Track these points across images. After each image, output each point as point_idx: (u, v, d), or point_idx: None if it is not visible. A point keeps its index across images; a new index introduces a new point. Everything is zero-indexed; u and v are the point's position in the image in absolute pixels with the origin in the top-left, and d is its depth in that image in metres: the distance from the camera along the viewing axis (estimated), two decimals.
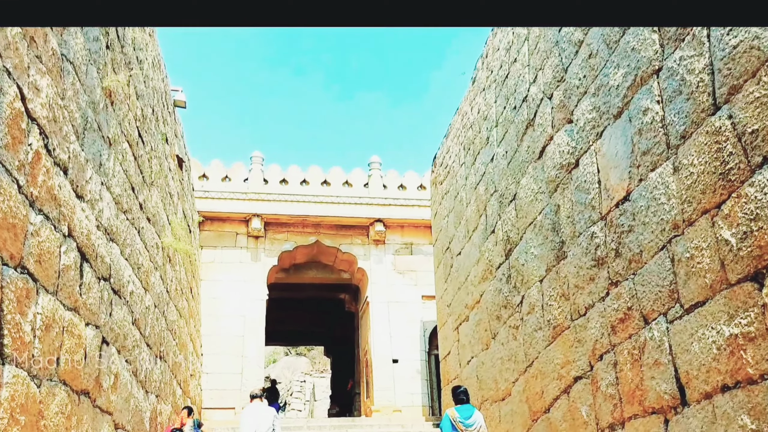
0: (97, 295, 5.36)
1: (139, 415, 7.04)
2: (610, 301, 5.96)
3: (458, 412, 7.50)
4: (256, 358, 15.47)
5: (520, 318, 8.31)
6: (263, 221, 16.37)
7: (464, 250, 10.98)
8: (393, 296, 16.67)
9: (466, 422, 7.38)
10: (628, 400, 5.63)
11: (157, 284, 8.30)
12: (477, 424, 7.45)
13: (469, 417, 7.45)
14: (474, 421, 7.43)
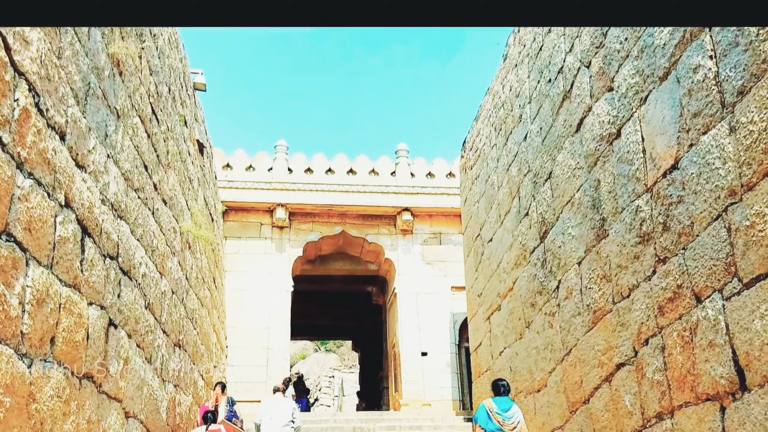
0: (102, 274, 5.00)
1: (154, 404, 6.69)
2: (657, 279, 5.45)
3: (496, 403, 7.19)
4: (282, 351, 15.13)
5: (556, 304, 7.81)
6: (288, 211, 16.01)
7: (496, 236, 10.49)
8: (421, 287, 16.21)
9: (504, 414, 7.07)
10: (678, 386, 5.13)
11: (175, 270, 7.97)
12: (515, 418, 7.13)
13: (507, 410, 7.15)
14: (512, 414, 7.11)
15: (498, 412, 7.07)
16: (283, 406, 8.90)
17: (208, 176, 11.45)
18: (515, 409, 7.18)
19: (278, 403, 8.93)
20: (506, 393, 7.37)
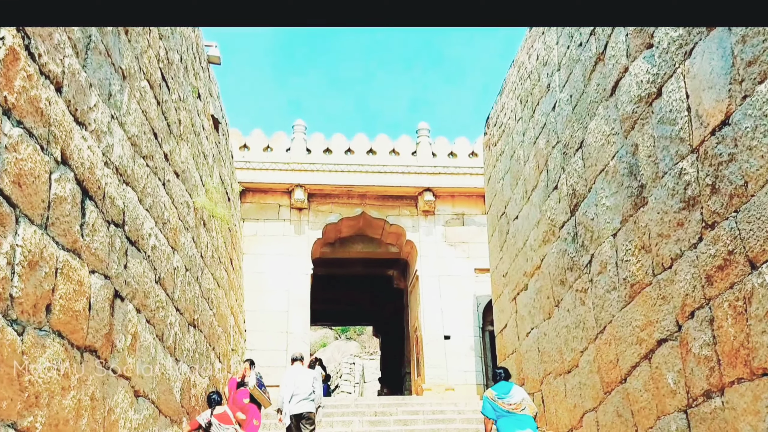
0: (106, 241, 4.67)
1: (167, 384, 6.38)
2: (705, 246, 5.02)
3: (495, 390, 7.41)
4: (302, 335, 14.83)
5: (588, 280, 7.39)
6: (306, 192, 15.66)
7: (522, 213, 10.06)
8: (444, 270, 15.80)
9: (504, 396, 7.28)
10: (729, 361, 4.70)
11: (188, 246, 7.64)
12: (517, 397, 7.29)
13: (507, 392, 7.33)
14: (513, 395, 7.30)
15: (498, 396, 7.27)
16: (304, 376, 8.59)
17: (224, 154, 11.11)
18: (516, 389, 7.35)
19: (298, 375, 8.63)
20: (503, 378, 7.53)
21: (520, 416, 7.12)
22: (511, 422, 7.08)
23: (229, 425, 7.35)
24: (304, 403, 8.41)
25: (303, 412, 8.42)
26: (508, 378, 7.57)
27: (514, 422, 7.07)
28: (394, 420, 11.52)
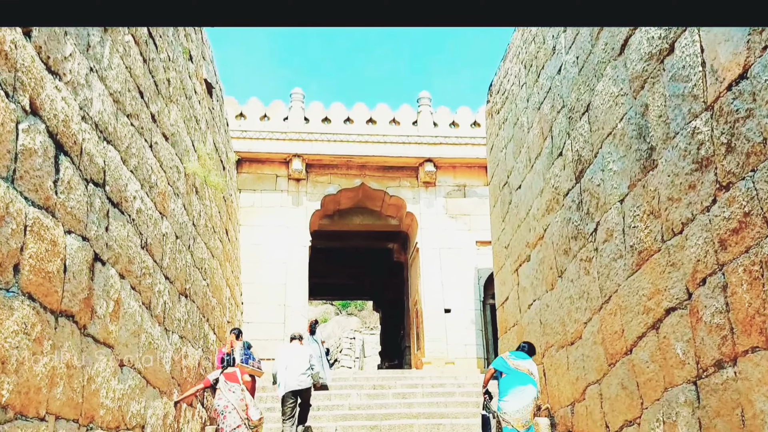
0: (83, 200, 4.39)
1: (155, 354, 6.15)
2: (718, 209, 4.74)
3: (512, 354, 7.45)
4: (300, 308, 14.62)
5: (593, 248, 7.13)
6: (304, 162, 15.35)
7: (525, 182, 9.78)
8: (444, 242, 15.53)
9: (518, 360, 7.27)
10: (743, 329, 4.45)
11: (179, 212, 7.37)
12: (531, 367, 7.27)
13: (524, 358, 7.34)
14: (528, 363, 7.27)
15: (512, 358, 7.28)
16: (300, 354, 8.58)
17: (218, 121, 10.80)
18: (531, 362, 7.32)
19: (295, 352, 8.64)
20: (525, 351, 7.51)
21: (523, 374, 7.13)
22: (513, 378, 7.12)
23: (235, 383, 7.55)
24: (302, 379, 8.43)
25: (300, 389, 8.42)
26: (530, 354, 7.52)
27: (517, 378, 7.10)
28: (393, 393, 11.35)
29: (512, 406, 6.94)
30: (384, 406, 10.37)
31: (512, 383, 7.08)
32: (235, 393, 7.51)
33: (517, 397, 6.98)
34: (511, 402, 6.97)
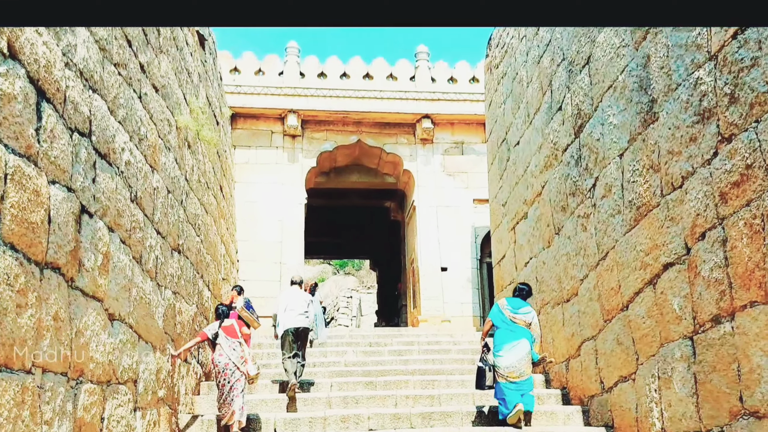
0: (68, 150, 4.27)
1: (147, 309, 6.08)
2: (720, 162, 4.64)
3: (508, 302, 7.47)
4: (296, 266, 14.57)
5: (591, 204, 7.04)
6: (300, 118, 15.15)
7: (524, 138, 9.64)
8: (442, 200, 15.43)
9: (515, 310, 7.33)
10: (742, 284, 4.38)
11: (170, 166, 7.24)
12: (528, 315, 7.32)
13: (519, 308, 7.37)
14: (525, 312, 7.33)
15: (508, 308, 7.34)
16: (299, 298, 8.85)
17: (211, 74, 10.59)
18: (528, 309, 7.38)
19: (294, 296, 8.90)
20: (522, 296, 7.55)
21: (517, 327, 7.23)
22: (507, 332, 7.22)
23: (234, 338, 7.61)
24: (300, 318, 8.62)
25: (299, 327, 8.58)
26: (527, 297, 7.58)
27: (510, 332, 7.20)
28: (389, 350, 11.36)
29: (506, 361, 7.04)
30: (380, 363, 10.38)
31: (506, 338, 7.16)
32: (236, 351, 7.57)
33: (510, 352, 7.08)
34: (505, 357, 7.07)
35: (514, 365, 7.01)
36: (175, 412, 7.12)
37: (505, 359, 7.05)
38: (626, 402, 6.30)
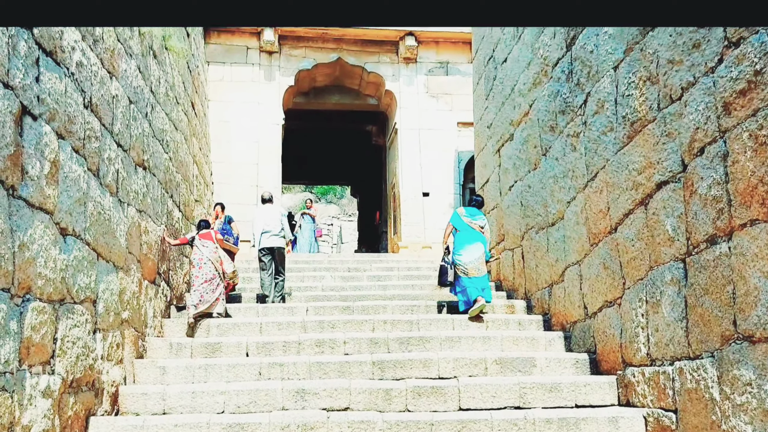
0: (1, 39, 3.78)
1: (107, 226, 5.69)
2: (725, 69, 4.24)
3: (465, 210, 8.61)
4: (273, 189, 14.14)
5: (582, 122, 6.65)
6: (277, 33, 14.41)
7: (511, 55, 9.15)
8: (425, 123, 14.94)
9: (472, 217, 8.43)
10: (742, 201, 4.06)
11: (132, 75, 6.72)
12: (482, 221, 8.47)
13: (475, 215, 8.48)
14: (480, 219, 8.46)
15: (466, 215, 8.46)
16: (273, 215, 9.55)
17: None
18: (482, 216, 8.56)
19: (268, 213, 9.58)
20: (477, 206, 8.70)
21: (474, 231, 8.34)
22: (466, 236, 8.30)
23: (209, 241, 8.23)
24: (275, 239, 9.37)
25: (274, 246, 9.33)
26: (480, 207, 8.71)
27: (469, 236, 8.29)
28: (368, 276, 11.13)
29: (465, 259, 8.13)
30: (358, 288, 10.15)
31: (465, 240, 8.25)
32: (208, 247, 8.15)
33: (469, 251, 8.17)
34: (464, 255, 8.16)
35: (472, 262, 8.09)
36: (141, 335, 6.83)
37: (465, 257, 8.13)
38: (610, 327, 6.08)
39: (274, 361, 6.44)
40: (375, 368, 6.35)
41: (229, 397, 5.74)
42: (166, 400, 5.73)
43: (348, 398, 5.78)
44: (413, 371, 6.33)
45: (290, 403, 5.74)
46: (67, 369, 4.69)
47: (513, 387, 5.88)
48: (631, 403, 5.66)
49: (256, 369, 6.37)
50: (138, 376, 6.37)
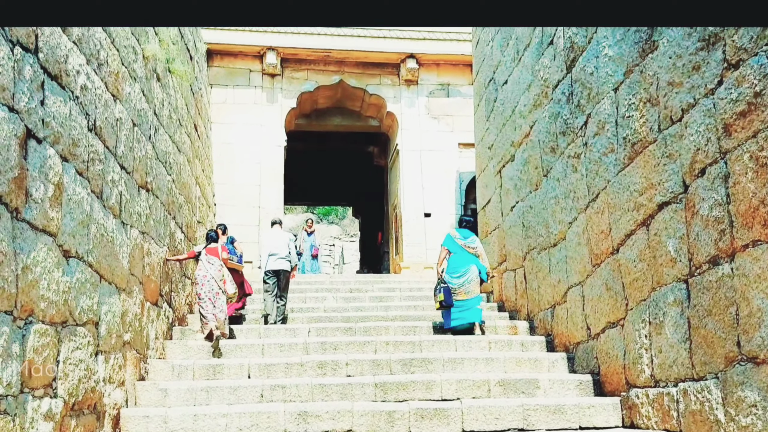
0: (8, 64, 3.82)
1: (110, 248, 5.70)
2: (725, 91, 4.28)
3: (458, 232, 8.82)
4: (275, 210, 14.17)
5: (582, 143, 6.69)
6: (279, 56, 14.53)
7: (512, 77, 9.21)
8: (426, 144, 14.99)
9: (465, 239, 8.66)
10: (744, 222, 4.07)
11: (136, 98, 6.77)
12: (476, 244, 8.73)
13: (467, 237, 8.71)
14: (473, 241, 8.72)
15: (460, 238, 8.69)
16: (280, 239, 9.71)
17: None
18: (474, 238, 8.81)
19: (276, 237, 9.78)
20: (468, 227, 8.95)
21: (469, 254, 8.58)
22: (461, 258, 8.55)
23: (215, 257, 8.30)
24: (281, 262, 9.49)
25: (279, 269, 9.42)
26: (470, 227, 8.94)
27: (464, 259, 8.53)
28: (370, 297, 11.11)
29: (458, 281, 8.36)
30: (360, 308, 10.14)
31: (460, 263, 8.49)
32: (213, 265, 8.22)
33: (462, 274, 8.40)
34: (458, 278, 8.39)
35: (464, 285, 8.33)
36: (143, 356, 6.81)
37: (458, 280, 8.37)
38: (613, 348, 6.06)
39: (276, 383, 6.42)
40: (378, 390, 6.32)
41: (230, 420, 5.71)
42: (167, 423, 5.70)
43: (351, 421, 5.75)
44: (416, 393, 6.31)
45: (292, 426, 5.71)
46: (69, 392, 4.68)
47: (516, 409, 5.86)
48: (635, 424, 5.63)
49: (258, 391, 6.35)
50: (140, 399, 6.35)
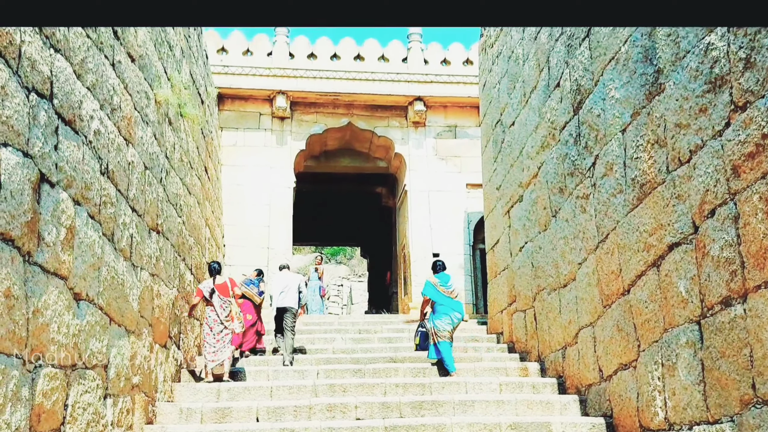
0: (23, 110, 3.89)
1: (120, 291, 5.71)
2: (732, 133, 4.30)
3: (438, 278, 9.13)
4: (284, 251, 14.19)
5: (591, 184, 6.70)
6: (289, 100, 14.72)
7: (519, 119, 9.29)
8: (434, 185, 15.06)
9: (446, 285, 9.05)
10: (755, 263, 4.05)
11: (148, 142, 6.86)
12: (453, 287, 9.20)
13: (447, 281, 9.12)
14: (452, 285, 9.20)
15: (441, 284, 9.04)
16: (288, 281, 9.98)
17: (195, 50, 10.18)
18: (452, 282, 9.26)
19: (284, 279, 10.05)
20: (443, 269, 9.28)
21: (453, 301, 9.01)
22: (445, 306, 8.92)
23: (226, 297, 8.47)
24: (288, 299, 9.80)
25: (286, 306, 9.71)
26: (444, 269, 9.29)
27: (449, 306, 8.93)
28: (378, 338, 11.04)
29: (444, 326, 8.75)
30: (369, 350, 10.06)
31: (444, 311, 8.88)
32: (225, 309, 8.39)
33: (448, 318, 8.82)
34: (443, 322, 8.77)
35: (448, 329, 8.76)
36: (152, 400, 6.77)
37: (443, 324, 8.76)
38: (626, 391, 5.98)
39: (285, 426, 6.35)
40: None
41: None
42: None
43: None
44: None
45: None
46: None
47: None
48: None
49: None
50: None
